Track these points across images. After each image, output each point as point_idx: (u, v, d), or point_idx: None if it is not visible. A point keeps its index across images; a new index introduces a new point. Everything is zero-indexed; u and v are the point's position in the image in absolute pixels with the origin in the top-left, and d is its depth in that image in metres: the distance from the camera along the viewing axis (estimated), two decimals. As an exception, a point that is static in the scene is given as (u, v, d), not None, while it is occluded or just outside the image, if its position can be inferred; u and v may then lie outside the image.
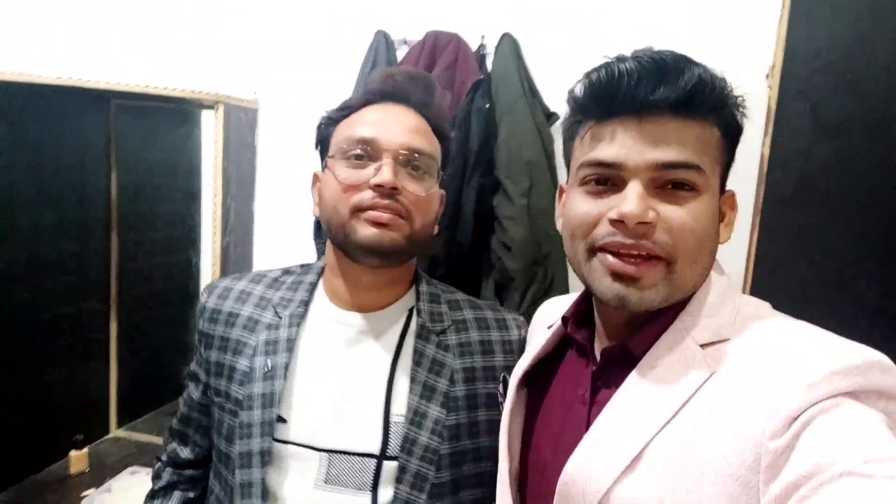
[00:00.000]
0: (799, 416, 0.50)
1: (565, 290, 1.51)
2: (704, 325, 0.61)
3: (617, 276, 0.60)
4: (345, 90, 1.59)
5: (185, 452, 0.94)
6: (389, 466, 0.79)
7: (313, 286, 0.90)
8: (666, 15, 1.50)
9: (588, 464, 0.61)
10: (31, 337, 1.60)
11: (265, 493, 0.79)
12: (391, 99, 0.86)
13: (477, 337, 0.87)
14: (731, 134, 0.63)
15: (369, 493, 0.78)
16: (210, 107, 1.58)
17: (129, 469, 1.62)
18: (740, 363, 0.57)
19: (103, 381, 1.84)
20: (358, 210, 0.79)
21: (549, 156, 1.51)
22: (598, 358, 0.68)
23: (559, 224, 0.71)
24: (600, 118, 0.62)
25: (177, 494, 0.94)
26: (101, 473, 1.62)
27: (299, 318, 0.86)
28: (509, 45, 1.54)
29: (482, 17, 1.61)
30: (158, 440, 1.82)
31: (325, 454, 0.80)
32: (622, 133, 0.60)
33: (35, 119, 1.57)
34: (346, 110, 0.87)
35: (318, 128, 0.90)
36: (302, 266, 0.95)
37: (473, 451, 0.82)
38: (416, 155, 0.81)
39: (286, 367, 0.82)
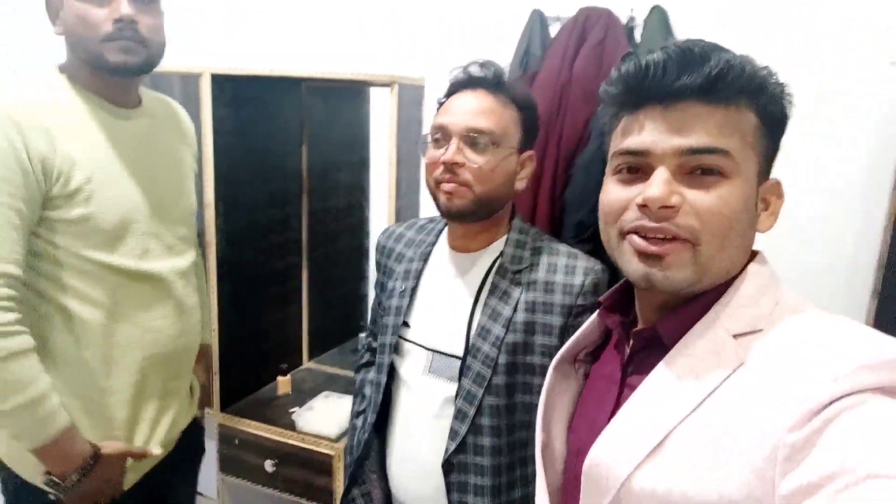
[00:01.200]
0: (821, 410, 0.49)
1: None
2: (739, 316, 0.61)
3: (643, 255, 0.62)
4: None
5: (373, 341, 1.30)
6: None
7: (440, 232, 1.19)
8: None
9: (612, 448, 0.63)
10: (251, 286, 1.97)
11: (392, 372, 1.16)
12: (465, 87, 1.07)
13: (543, 277, 1.06)
14: (772, 121, 0.62)
15: (456, 383, 1.05)
16: (386, 85, 1.81)
17: (323, 393, 1.96)
18: (770, 354, 0.57)
19: (299, 322, 2.21)
20: (437, 183, 1.04)
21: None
22: (632, 343, 0.70)
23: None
24: (631, 109, 0.64)
25: (372, 368, 1.28)
26: (300, 396, 1.98)
27: (426, 256, 1.17)
28: (658, 16, 1.61)
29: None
30: (341, 371, 2.18)
31: (429, 352, 1.10)
32: (649, 121, 0.62)
33: (245, 105, 1.89)
34: (442, 101, 1.11)
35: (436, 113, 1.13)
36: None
37: (526, 364, 1.04)
38: (476, 134, 1.02)
39: (412, 289, 1.15)
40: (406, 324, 1.14)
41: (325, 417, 1.79)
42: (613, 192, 0.65)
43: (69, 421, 1.08)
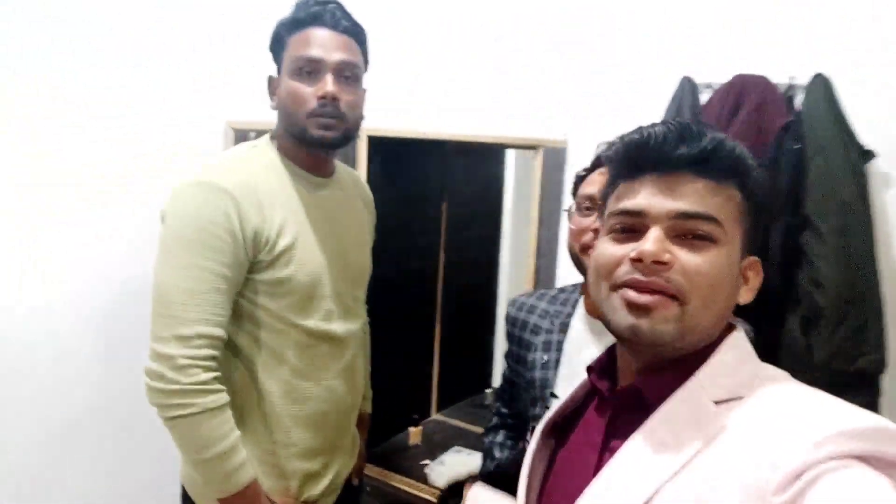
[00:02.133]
0: (803, 473, 0.51)
1: (880, 331, 1.50)
2: (721, 384, 0.63)
3: (632, 307, 0.64)
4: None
5: (503, 407, 1.35)
6: None
7: (576, 302, 1.19)
8: None
9: None
10: (389, 336, 2.04)
11: None
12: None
13: None
14: (755, 203, 0.67)
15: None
16: (531, 148, 1.86)
17: (454, 448, 1.98)
18: (752, 420, 0.59)
19: (430, 373, 2.26)
20: (584, 248, 1.08)
21: (865, 195, 1.51)
22: (615, 402, 0.71)
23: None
24: (631, 175, 0.68)
25: (501, 431, 1.34)
26: (430, 447, 2.01)
27: (564, 327, 1.18)
28: (822, 85, 1.57)
29: (790, 58, 1.66)
30: (468, 426, 2.19)
31: None
32: (647, 186, 0.66)
33: (394, 163, 2.01)
34: (585, 173, 1.14)
35: (573, 184, 1.17)
36: (573, 285, 1.25)
37: None
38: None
39: (556, 361, 1.16)
40: (554, 395, 1.15)
41: (458, 473, 1.80)
42: (608, 249, 0.68)
43: (254, 475, 1.15)
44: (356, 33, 1.25)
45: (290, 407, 1.22)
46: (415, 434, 2.04)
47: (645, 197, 0.66)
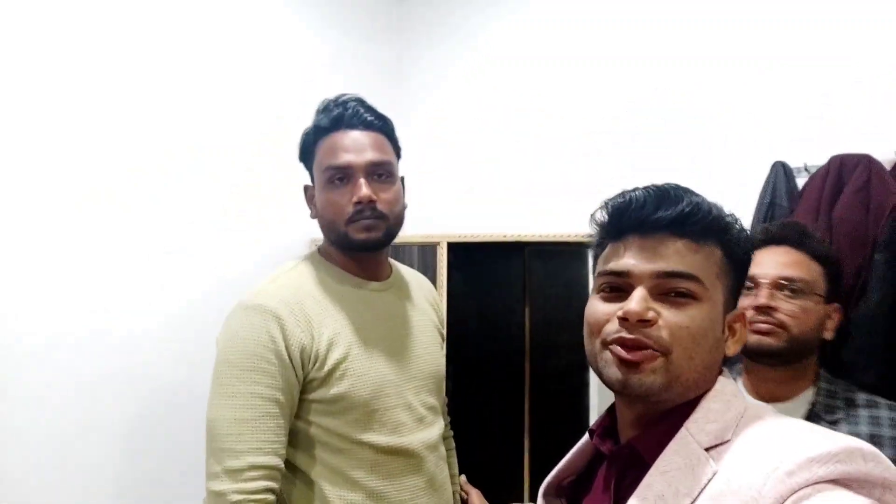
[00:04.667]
0: None
1: None
2: (708, 431, 0.66)
3: (622, 363, 0.68)
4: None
5: None
6: None
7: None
8: None
9: None
10: (483, 448, 1.93)
11: None
12: (768, 243, 1.18)
13: (867, 430, 1.03)
14: (736, 259, 0.72)
15: None
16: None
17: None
18: (736, 460, 0.62)
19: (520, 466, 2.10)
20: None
21: None
22: (614, 461, 0.74)
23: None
24: (615, 237, 0.73)
25: None
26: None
27: None
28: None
29: (892, 132, 1.56)
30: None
31: None
32: (630, 248, 0.71)
33: (474, 268, 1.98)
34: None
35: None
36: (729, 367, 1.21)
37: None
38: (785, 281, 1.12)
39: None
40: None
41: None
42: (598, 307, 0.72)
43: None
44: (382, 127, 1.22)
45: None
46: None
47: (629, 258, 0.71)
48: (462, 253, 1.93)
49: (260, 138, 2.00)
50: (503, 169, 2.29)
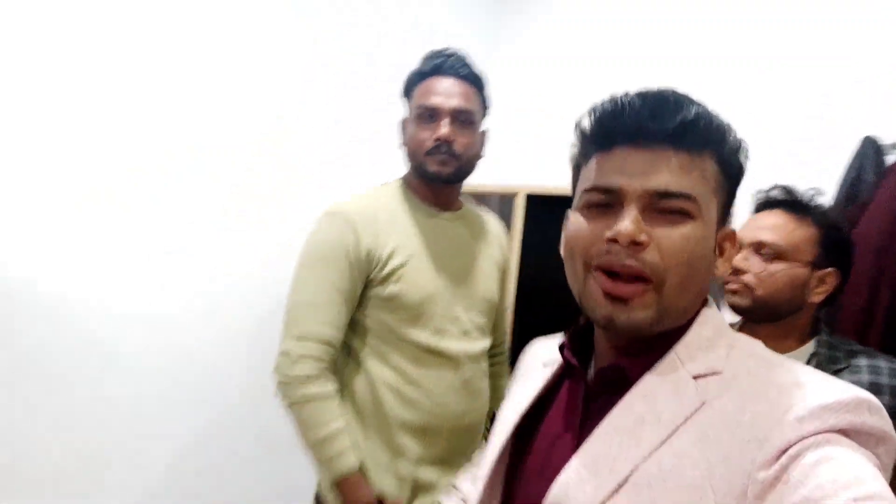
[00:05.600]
0: (788, 448, 0.52)
1: None
2: (698, 358, 0.63)
3: (609, 297, 0.63)
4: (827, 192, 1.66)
5: None
6: None
7: None
8: None
9: (575, 485, 0.61)
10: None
11: None
12: (765, 207, 1.23)
13: (867, 379, 1.06)
14: (731, 172, 0.66)
15: None
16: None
17: None
18: (732, 395, 0.58)
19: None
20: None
21: None
22: (593, 380, 0.70)
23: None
24: (604, 148, 0.65)
25: None
26: None
27: None
28: None
29: None
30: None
31: None
32: (622, 161, 0.63)
33: (550, 221, 2.06)
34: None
35: None
36: None
37: None
38: (762, 246, 1.21)
39: None
40: None
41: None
42: (582, 226, 0.66)
43: (356, 464, 1.28)
44: (474, 80, 1.38)
45: (401, 413, 1.33)
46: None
47: (621, 172, 0.63)
48: (540, 205, 2.01)
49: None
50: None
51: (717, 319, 0.67)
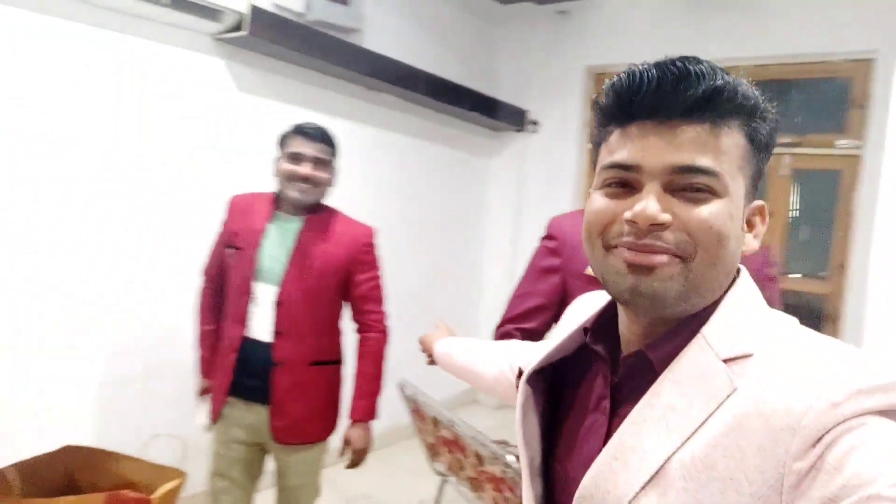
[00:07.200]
0: (823, 436, 0.49)
1: None
2: (728, 340, 0.59)
3: (633, 267, 0.59)
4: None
5: None
6: None
7: None
8: None
9: (606, 477, 0.60)
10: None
11: None
12: None
13: None
14: (760, 144, 0.61)
15: None
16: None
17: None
18: (764, 380, 0.55)
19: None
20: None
21: None
22: (620, 368, 0.67)
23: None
24: (623, 123, 0.62)
25: None
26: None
27: None
28: None
29: None
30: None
31: None
32: (641, 136, 0.60)
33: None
34: None
35: None
36: None
37: None
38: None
39: None
40: None
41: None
42: (601, 205, 0.63)
43: None
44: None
45: None
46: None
47: (640, 149, 0.60)
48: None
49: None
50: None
51: (748, 298, 0.63)
